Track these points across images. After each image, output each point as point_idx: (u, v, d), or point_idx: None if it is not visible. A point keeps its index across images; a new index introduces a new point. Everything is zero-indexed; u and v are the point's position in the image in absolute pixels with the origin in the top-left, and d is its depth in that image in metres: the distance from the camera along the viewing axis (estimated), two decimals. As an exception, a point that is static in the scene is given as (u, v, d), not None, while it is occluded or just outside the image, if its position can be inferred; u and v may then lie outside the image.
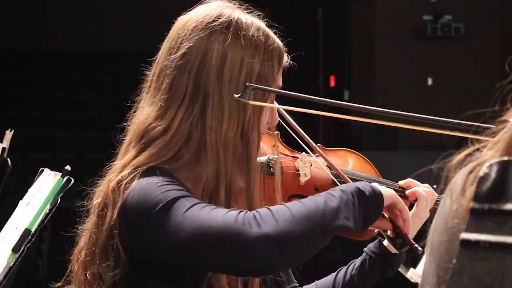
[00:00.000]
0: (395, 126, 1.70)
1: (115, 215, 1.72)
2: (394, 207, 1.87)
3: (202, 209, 1.64)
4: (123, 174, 1.75)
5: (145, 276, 1.74)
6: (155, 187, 1.70)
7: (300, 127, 2.03)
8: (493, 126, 1.21)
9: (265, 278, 1.90)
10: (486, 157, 1.12)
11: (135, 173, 1.74)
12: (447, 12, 12.90)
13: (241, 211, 1.62)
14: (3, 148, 2.13)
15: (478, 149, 1.15)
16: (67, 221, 1.95)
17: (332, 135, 12.63)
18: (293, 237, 1.58)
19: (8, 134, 2.15)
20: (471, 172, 1.13)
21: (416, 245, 1.93)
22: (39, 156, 11.14)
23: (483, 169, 0.96)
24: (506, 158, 0.95)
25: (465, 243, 0.94)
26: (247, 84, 1.74)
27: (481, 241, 0.93)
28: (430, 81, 13.21)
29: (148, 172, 1.74)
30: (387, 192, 1.81)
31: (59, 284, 1.89)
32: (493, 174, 0.95)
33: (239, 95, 1.72)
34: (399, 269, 2.21)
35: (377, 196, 1.76)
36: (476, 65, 12.96)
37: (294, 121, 2.01)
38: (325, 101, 1.78)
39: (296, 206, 1.63)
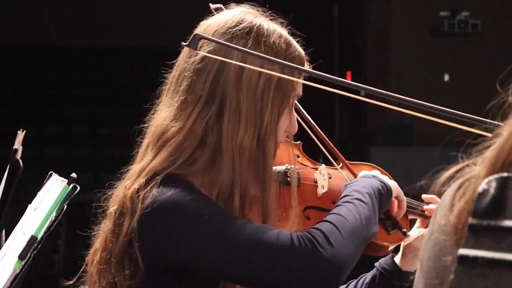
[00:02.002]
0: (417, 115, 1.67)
1: (135, 225, 1.70)
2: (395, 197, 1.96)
3: (247, 225, 1.68)
4: (140, 183, 1.72)
5: (162, 285, 1.73)
6: (184, 200, 1.69)
7: (316, 124, 1.98)
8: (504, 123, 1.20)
9: None
10: (474, 173, 1.12)
11: (152, 183, 1.71)
12: (464, 8, 12.84)
13: (291, 232, 1.68)
14: (15, 149, 2.12)
15: (468, 165, 1.15)
16: (83, 217, 1.93)
17: (347, 132, 12.61)
18: (349, 257, 1.69)
19: (20, 135, 2.13)
20: (459, 187, 1.13)
21: (405, 230, 1.99)
22: (54, 152, 11.19)
23: (482, 185, 0.95)
24: (505, 174, 0.95)
25: (463, 259, 0.93)
26: (196, 33, 1.70)
27: (479, 258, 0.92)
28: (446, 77, 13.16)
29: (167, 181, 1.71)
30: (394, 186, 1.92)
31: (70, 282, 1.88)
32: (492, 190, 0.94)
33: (187, 43, 1.68)
34: None
35: (389, 193, 1.88)
36: (492, 62, 12.88)
37: (309, 122, 1.97)
38: (317, 74, 1.70)
39: (341, 223, 1.71)
